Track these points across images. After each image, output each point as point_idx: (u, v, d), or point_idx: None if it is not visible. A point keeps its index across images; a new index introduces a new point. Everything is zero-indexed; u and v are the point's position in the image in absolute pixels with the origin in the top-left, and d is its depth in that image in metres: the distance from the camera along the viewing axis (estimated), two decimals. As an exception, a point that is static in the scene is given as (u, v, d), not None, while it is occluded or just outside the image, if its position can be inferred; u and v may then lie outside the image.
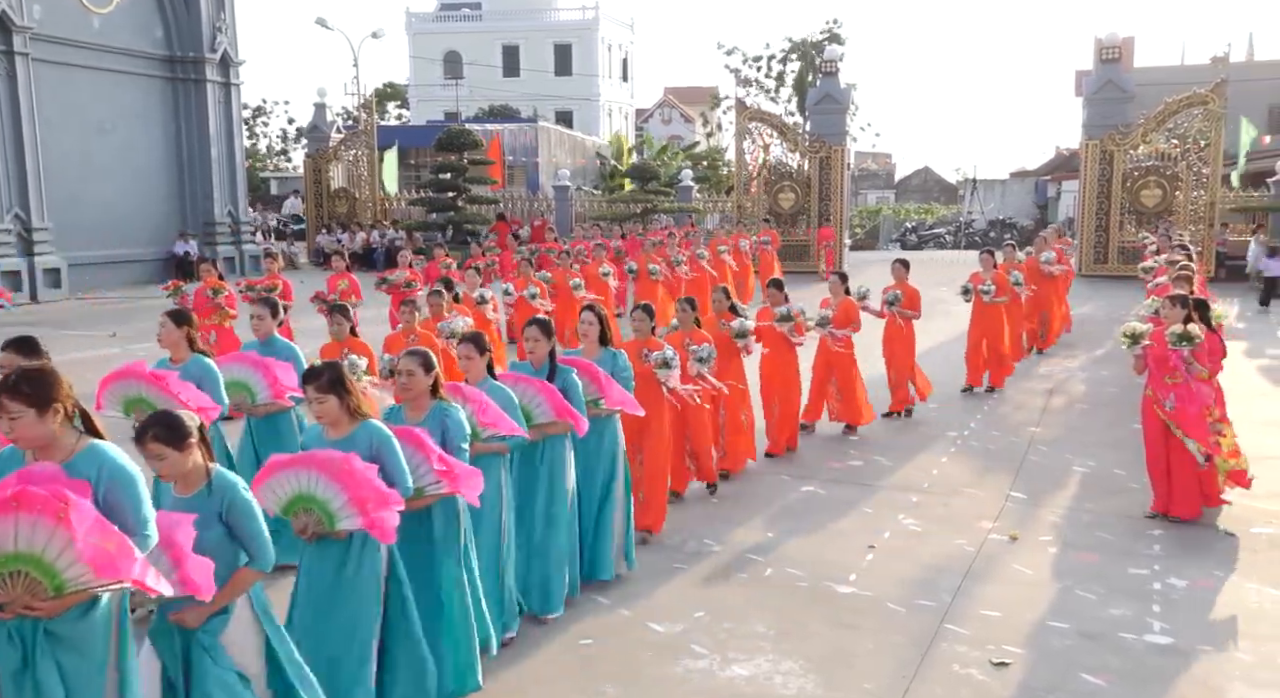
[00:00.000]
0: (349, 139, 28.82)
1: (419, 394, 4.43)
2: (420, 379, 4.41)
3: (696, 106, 57.42)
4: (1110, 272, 22.32)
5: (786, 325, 7.99)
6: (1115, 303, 17.80)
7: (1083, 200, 23.11)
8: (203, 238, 24.38)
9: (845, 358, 9.01)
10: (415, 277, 12.60)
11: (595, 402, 5.51)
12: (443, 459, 4.15)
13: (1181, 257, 10.91)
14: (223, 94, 24.81)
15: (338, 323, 7.14)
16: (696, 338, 6.97)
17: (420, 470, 4.08)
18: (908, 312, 9.76)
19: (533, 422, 5.09)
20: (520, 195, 30.99)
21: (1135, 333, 6.83)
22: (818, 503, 7.40)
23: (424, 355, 4.46)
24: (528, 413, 5.05)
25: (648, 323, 6.61)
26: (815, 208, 24.11)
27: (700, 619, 5.40)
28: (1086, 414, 10.25)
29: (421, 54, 53.51)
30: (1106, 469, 8.16)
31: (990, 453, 8.75)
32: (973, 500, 7.43)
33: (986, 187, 44.30)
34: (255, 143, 55.07)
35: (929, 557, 6.30)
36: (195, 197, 24.52)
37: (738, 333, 7.50)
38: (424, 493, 4.11)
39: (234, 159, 25.28)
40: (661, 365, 6.30)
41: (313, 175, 28.84)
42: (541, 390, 5.16)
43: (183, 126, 24.20)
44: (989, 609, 5.52)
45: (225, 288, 10.81)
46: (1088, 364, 12.86)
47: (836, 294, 9.10)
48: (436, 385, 4.48)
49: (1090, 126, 22.91)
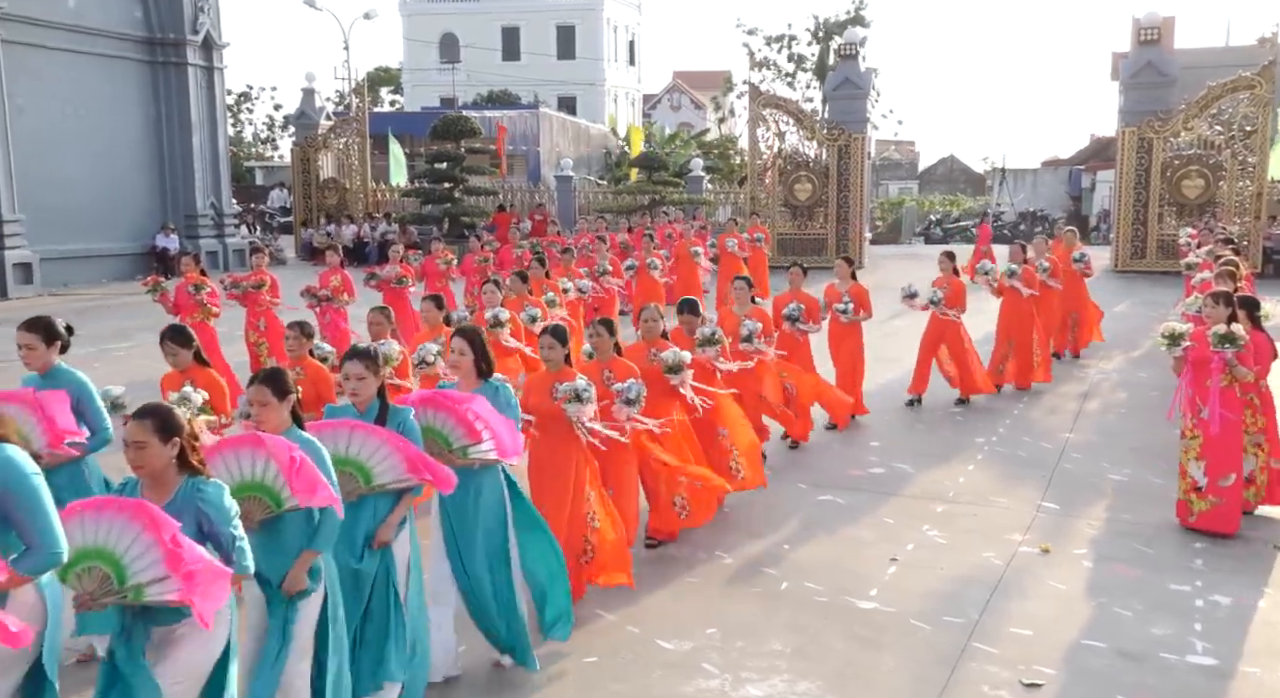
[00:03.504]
0: (339, 127, 28.87)
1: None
2: None
3: (708, 92, 57.39)
4: (1148, 267, 22.23)
5: (711, 350, 7.16)
6: (1154, 301, 17.75)
7: (1119, 191, 23.02)
8: (184, 231, 24.45)
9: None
10: (408, 272, 12.63)
11: (463, 449, 4.74)
12: (175, 548, 3.32)
13: (1226, 251, 10.86)
14: (205, 78, 24.88)
15: (172, 352, 6.17)
16: (619, 371, 6.10)
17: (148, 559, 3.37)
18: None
19: (373, 482, 4.34)
20: (520, 186, 31.04)
21: (1174, 333, 6.80)
22: (836, 512, 7.39)
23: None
24: (364, 470, 4.31)
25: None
26: (834, 199, 24.07)
27: (712, 636, 5.40)
28: (1124, 419, 10.22)
29: (416, 36, 53.60)
30: (1145, 478, 8.13)
31: (1020, 460, 8.73)
32: (1002, 511, 7.41)
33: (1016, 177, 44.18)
34: (240, 130, 55.23)
35: (955, 570, 6.28)
36: (176, 187, 24.59)
37: (670, 367, 6.55)
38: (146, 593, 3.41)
39: (217, 148, 25.35)
40: (571, 399, 5.44)
41: (300, 165, 28.89)
42: (388, 440, 4.33)
43: (163, 113, 24.26)
44: (1020, 627, 5.50)
45: (208, 284, 10.84)
46: (1125, 366, 12.82)
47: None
48: None
49: (1127, 112, 22.84)
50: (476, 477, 4.85)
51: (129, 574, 3.32)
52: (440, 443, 4.70)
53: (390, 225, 27.00)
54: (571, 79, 52.39)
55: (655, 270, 14.68)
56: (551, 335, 5.66)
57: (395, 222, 27.03)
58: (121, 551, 3.32)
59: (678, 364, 6.54)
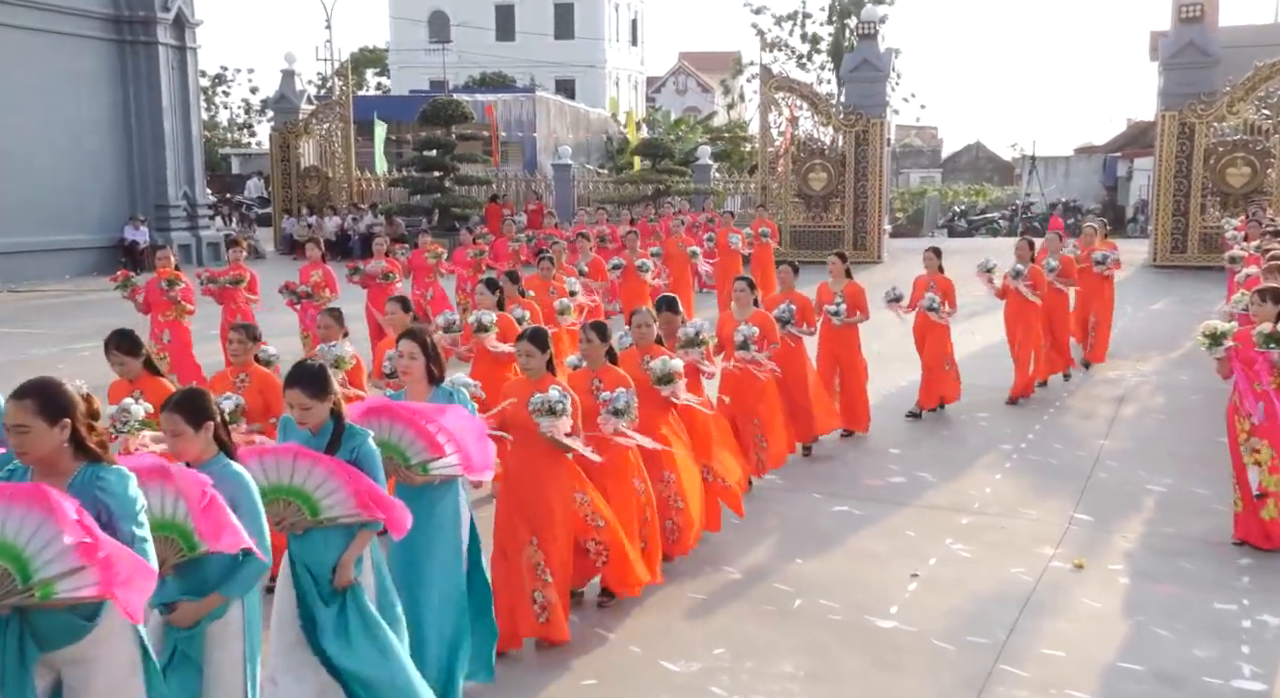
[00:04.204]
0: (321, 111, 28.95)
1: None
2: None
3: (716, 74, 57.46)
4: (1189, 262, 22.21)
5: (695, 352, 6.95)
6: (1195, 299, 17.72)
7: (1158, 180, 23.01)
8: (154, 223, 24.50)
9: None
10: (394, 267, 12.63)
11: (423, 465, 4.53)
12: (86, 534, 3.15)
13: (1275, 244, 10.81)
14: (177, 59, 24.92)
15: (119, 361, 6.13)
16: (610, 380, 5.92)
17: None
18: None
19: (320, 515, 4.09)
20: (516, 175, 31.06)
21: (1216, 332, 6.77)
22: (853, 525, 7.38)
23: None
24: (310, 502, 4.06)
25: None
26: (850, 189, 24.09)
27: (720, 657, 5.39)
28: (1163, 425, 10.20)
29: (403, 14, 53.68)
30: (1186, 488, 8.10)
31: (1051, 469, 8.71)
32: (1031, 523, 7.40)
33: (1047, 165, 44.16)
34: (214, 115, 55.39)
35: (981, 587, 6.27)
36: (146, 176, 24.65)
37: (660, 377, 6.31)
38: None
39: (190, 134, 25.41)
40: (544, 412, 5.19)
41: (280, 152, 28.97)
42: (336, 470, 4.06)
43: (132, 96, 24.31)
44: (1051, 648, 5.48)
45: (182, 280, 10.85)
46: (1164, 367, 12.80)
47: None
48: None
49: (1167, 95, 22.81)
50: (429, 494, 4.64)
51: (33, 568, 3.06)
52: (397, 458, 4.49)
53: (376, 217, 27.07)
54: (570, 61, 52.46)
55: (647, 272, 13.87)
56: (530, 341, 5.47)
57: (381, 213, 27.09)
58: (23, 542, 3.06)
59: (668, 374, 6.29)
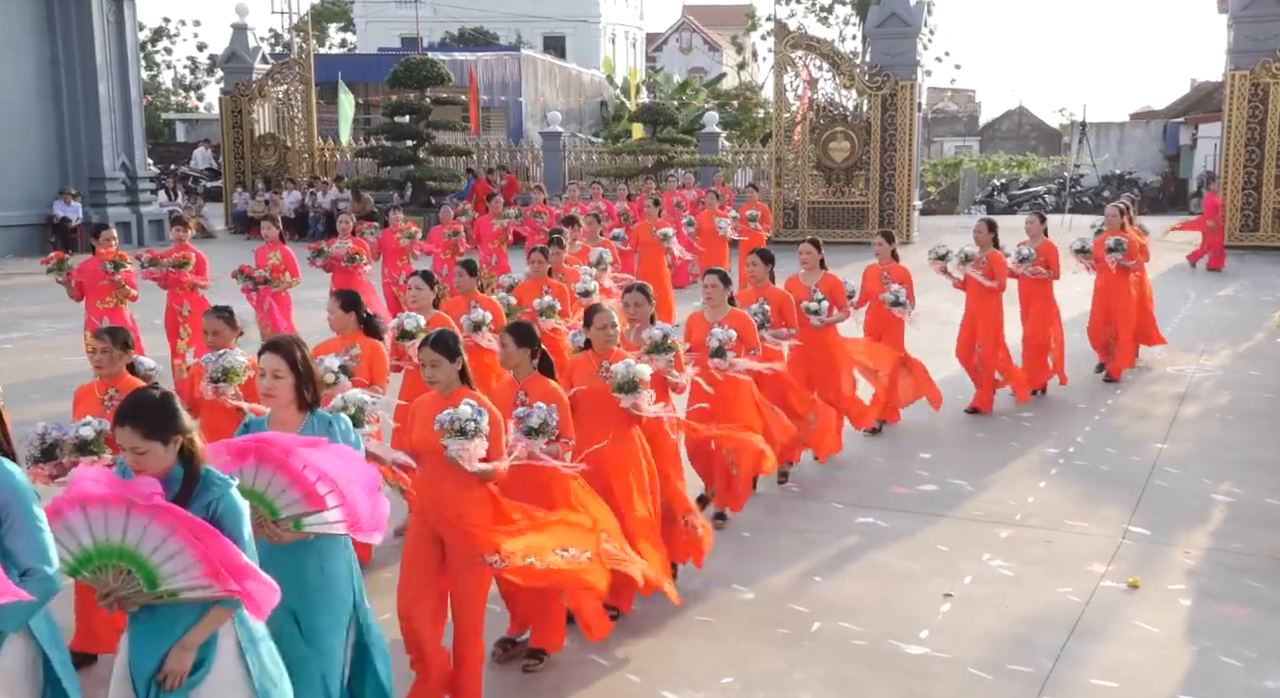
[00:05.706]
0: (278, 71, 28.92)
1: None
2: None
3: (725, 30, 57.39)
4: (1262, 242, 22.24)
5: (663, 359, 6.51)
6: (1268, 284, 17.73)
7: (1226, 149, 23.01)
8: (89, 197, 24.48)
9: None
10: (361, 248, 12.63)
11: (295, 520, 4.05)
12: None
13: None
14: (114, 12, 24.86)
15: (110, 360, 5.97)
16: (536, 392, 5.53)
17: None
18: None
19: (159, 586, 3.58)
20: (499, 145, 31.04)
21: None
22: (879, 538, 7.40)
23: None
24: (146, 569, 3.55)
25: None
26: (876, 160, 24.08)
27: (729, 687, 5.41)
28: (1230, 427, 10.22)
29: (370, -39, 53.61)
30: (1256, 498, 8.13)
31: (1103, 476, 8.73)
32: (1080, 537, 7.42)
33: (1099, 132, 44.04)
34: (156, 75, 55.31)
35: (1023, 609, 6.29)
36: (78, 145, 24.58)
37: (620, 384, 5.89)
38: None
39: (129, 96, 25.34)
40: (452, 433, 4.80)
41: (231, 118, 28.94)
42: (179, 528, 3.52)
43: (61, 55, 24.24)
44: (1102, 678, 5.50)
45: (127, 261, 10.86)
46: (1231, 362, 12.82)
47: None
48: None
49: (1238, 53, 22.80)
50: (315, 546, 4.25)
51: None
52: (262, 509, 4.01)
53: (341, 192, 27.04)
54: (559, 15, 52.39)
55: (670, 241, 14.38)
56: (433, 348, 4.99)
57: (347, 187, 27.06)
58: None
59: (630, 381, 5.84)
